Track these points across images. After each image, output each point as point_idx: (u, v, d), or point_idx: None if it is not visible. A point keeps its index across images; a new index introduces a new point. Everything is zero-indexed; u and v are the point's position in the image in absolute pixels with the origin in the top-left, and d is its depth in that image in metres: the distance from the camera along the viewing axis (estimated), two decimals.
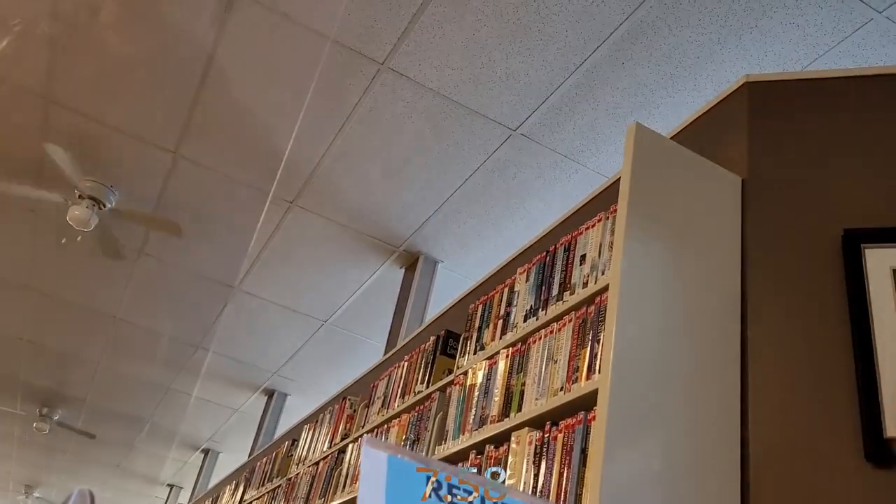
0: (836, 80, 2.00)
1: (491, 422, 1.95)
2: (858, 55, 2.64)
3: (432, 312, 4.01)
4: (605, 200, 2.21)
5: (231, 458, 7.98)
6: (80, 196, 4.19)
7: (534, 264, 2.13)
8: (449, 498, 0.56)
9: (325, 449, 3.32)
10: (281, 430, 6.03)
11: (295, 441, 4.00)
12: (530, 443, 1.74)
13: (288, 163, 3.70)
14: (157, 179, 4.04)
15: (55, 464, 9.96)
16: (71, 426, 8.03)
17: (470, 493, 0.61)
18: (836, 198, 1.78)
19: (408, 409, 2.58)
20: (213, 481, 7.73)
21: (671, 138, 2.08)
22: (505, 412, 1.91)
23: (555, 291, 1.96)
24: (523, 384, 1.89)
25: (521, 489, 1.71)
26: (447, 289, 4.12)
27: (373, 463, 0.53)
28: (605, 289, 1.72)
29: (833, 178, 1.82)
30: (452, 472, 0.58)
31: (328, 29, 2.94)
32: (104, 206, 4.25)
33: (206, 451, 8.11)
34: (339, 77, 3.15)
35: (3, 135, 3.91)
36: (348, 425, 3.19)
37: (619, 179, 2.19)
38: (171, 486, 9.70)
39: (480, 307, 2.35)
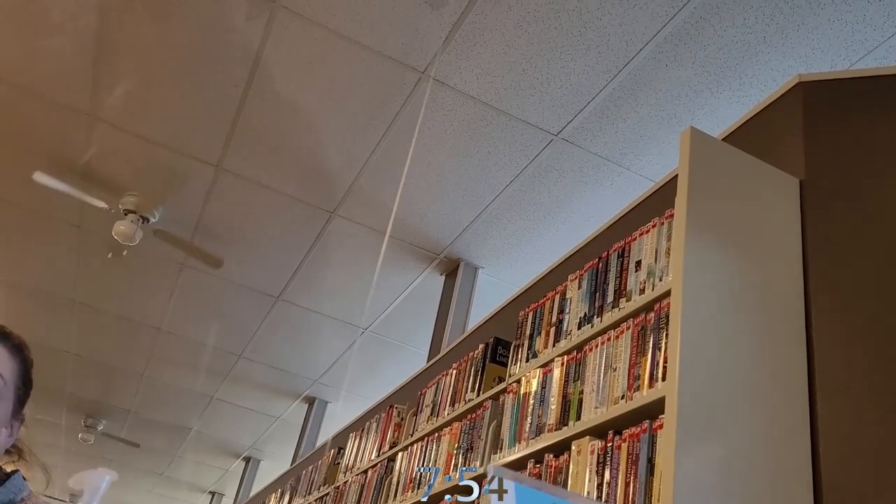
0: (890, 77, 1.96)
1: (549, 430, 1.94)
2: None
3: (474, 319, 4.00)
4: (655, 204, 2.19)
5: (272, 466, 8.05)
6: (125, 211, 4.26)
7: (586, 271, 2.12)
8: None
9: (373, 457, 3.33)
10: (322, 437, 6.07)
11: (341, 449, 4.02)
12: (592, 452, 1.73)
13: (329, 173, 3.73)
14: (200, 192, 4.10)
15: None
16: (115, 436, 8.17)
17: None
18: None
19: (458, 418, 2.58)
20: (255, 489, 7.80)
21: (723, 140, 2.05)
22: (563, 420, 1.91)
23: (610, 298, 1.95)
24: (581, 392, 1.88)
25: (586, 497, 1.70)
26: (488, 295, 4.12)
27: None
28: (664, 295, 1.71)
29: (893, 177, 1.78)
30: (574, 500, 0.57)
31: (370, 40, 2.96)
32: (149, 220, 4.33)
33: (247, 459, 8.19)
34: (380, 86, 3.16)
35: (50, 153, 4.00)
36: (396, 433, 3.20)
37: (668, 183, 2.17)
38: (213, 493, 9.81)
39: (531, 314, 2.35)
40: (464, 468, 2.38)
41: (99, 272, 5.16)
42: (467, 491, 2.17)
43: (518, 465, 2.05)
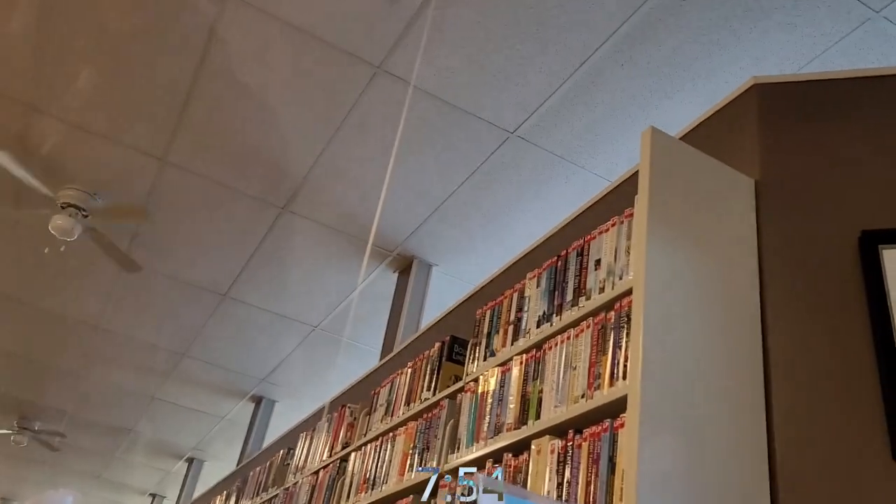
0: (842, 80, 2.01)
1: (508, 430, 1.93)
2: (855, 55, 2.66)
3: (428, 317, 3.98)
4: (613, 203, 2.20)
5: (217, 467, 7.88)
6: (63, 205, 4.10)
7: (545, 269, 2.11)
8: None
9: (325, 458, 3.28)
10: (269, 437, 5.96)
11: (291, 449, 3.95)
12: (552, 451, 1.72)
13: (280, 167, 3.65)
14: (144, 186, 3.97)
15: (33, 476, 9.76)
16: (41, 433, 7.84)
17: None
18: (851, 199, 1.79)
19: (414, 417, 2.55)
20: (199, 490, 7.62)
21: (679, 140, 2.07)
22: (522, 420, 1.89)
23: (569, 297, 1.94)
24: (541, 391, 1.87)
25: (546, 496, 1.69)
26: (442, 293, 4.10)
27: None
28: (625, 294, 1.71)
29: (846, 178, 1.83)
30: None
31: (323, 31, 2.90)
32: (88, 214, 4.16)
33: (190, 460, 8.00)
34: (334, 80, 3.11)
35: None
36: (349, 433, 3.15)
37: (625, 182, 2.18)
38: (153, 495, 9.55)
39: (488, 312, 2.33)
40: (419, 468, 2.35)
41: (34, 267, 4.95)
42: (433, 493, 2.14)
43: (476, 464, 2.03)
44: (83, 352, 6.04)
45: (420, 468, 2.34)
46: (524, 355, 2.01)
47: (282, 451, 4.07)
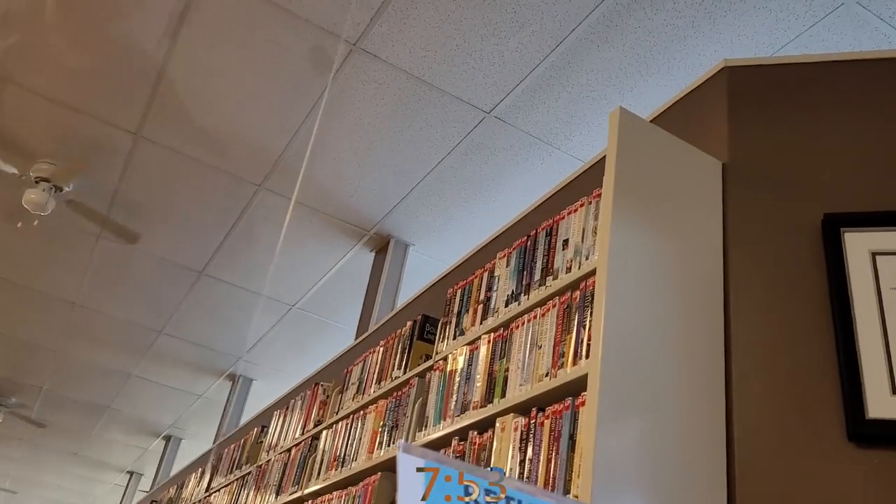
0: (813, 64, 2.02)
1: (474, 408, 1.94)
2: (829, 40, 2.67)
3: (404, 296, 3.98)
4: (584, 184, 2.20)
5: (194, 445, 7.88)
6: (36, 179, 4.05)
7: (514, 249, 2.12)
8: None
9: (297, 435, 3.28)
10: (247, 416, 5.97)
11: (265, 427, 3.95)
12: (516, 429, 1.74)
13: (256, 144, 3.63)
14: (118, 162, 3.92)
15: (9, 452, 9.71)
16: (23, 415, 7.82)
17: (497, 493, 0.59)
18: (816, 183, 1.80)
19: (385, 395, 2.56)
20: (176, 468, 7.63)
21: (650, 122, 2.07)
22: (488, 398, 1.91)
23: (537, 276, 1.95)
24: (507, 370, 1.89)
25: (507, 475, 1.70)
26: (418, 273, 4.10)
27: (409, 470, 0.51)
28: (590, 274, 1.72)
29: (813, 162, 1.84)
30: (469, 472, 0.56)
31: (298, 7, 2.87)
32: (62, 189, 4.12)
33: (167, 438, 7.99)
34: (309, 57, 3.08)
35: None
36: (321, 411, 3.15)
37: (597, 163, 2.19)
38: (131, 472, 9.54)
39: (459, 292, 2.34)
40: (388, 447, 2.36)
41: (8, 242, 4.89)
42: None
43: (443, 442, 2.04)
44: (60, 328, 6.00)
45: (388, 447, 2.35)
46: (492, 334, 2.02)
47: (256, 430, 4.08)
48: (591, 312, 1.65)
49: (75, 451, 9.05)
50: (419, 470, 0.56)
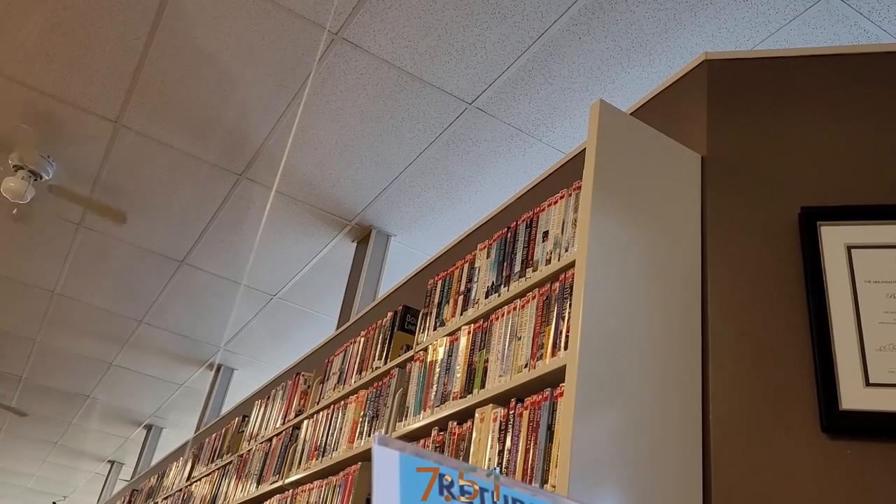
0: (792, 59, 2.03)
1: (453, 398, 1.95)
2: (809, 34, 2.69)
3: (385, 287, 3.98)
4: (564, 176, 2.21)
5: (175, 434, 7.85)
6: (15, 167, 4.00)
7: (495, 240, 2.12)
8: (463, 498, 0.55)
9: (278, 425, 3.28)
10: (228, 405, 5.95)
11: (246, 417, 3.94)
12: (495, 419, 1.75)
13: (238, 133, 3.60)
14: (98, 150, 3.88)
15: None
16: (2, 404, 7.75)
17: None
18: (794, 176, 1.82)
19: (365, 386, 2.56)
20: (157, 457, 7.60)
21: (631, 115, 2.08)
22: (468, 389, 1.92)
23: (517, 268, 1.96)
24: (486, 361, 1.89)
25: (486, 465, 1.71)
26: (400, 263, 4.10)
27: (385, 462, 0.51)
28: (570, 266, 1.73)
29: (790, 156, 1.86)
30: (459, 468, 0.56)
31: None
32: (41, 177, 4.07)
33: (149, 427, 7.96)
34: (291, 46, 3.06)
35: None
36: (302, 401, 3.15)
37: (577, 155, 2.19)
38: (112, 462, 9.50)
39: (440, 283, 2.34)
40: (368, 437, 2.37)
41: None
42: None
43: (422, 432, 2.05)
44: (39, 317, 5.94)
45: (369, 437, 2.36)
46: (472, 325, 2.02)
47: (237, 419, 4.07)
48: (570, 304, 1.66)
49: (55, 440, 8.99)
50: (419, 470, 0.56)
